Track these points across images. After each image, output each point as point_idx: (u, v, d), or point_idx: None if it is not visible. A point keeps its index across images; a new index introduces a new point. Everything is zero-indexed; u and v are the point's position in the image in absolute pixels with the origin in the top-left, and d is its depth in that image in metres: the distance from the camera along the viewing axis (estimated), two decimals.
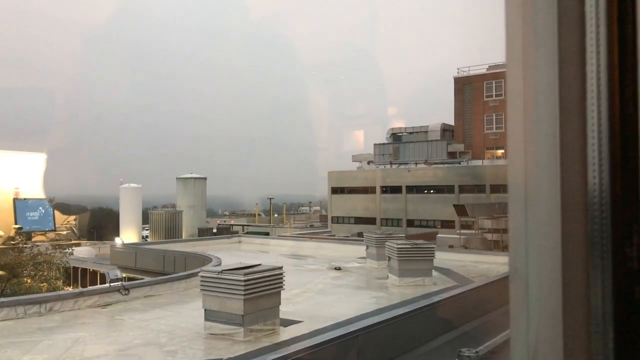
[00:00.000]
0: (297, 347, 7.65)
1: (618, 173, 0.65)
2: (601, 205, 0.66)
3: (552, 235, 0.70)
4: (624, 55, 0.65)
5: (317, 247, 24.61)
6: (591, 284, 0.67)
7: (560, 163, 0.69)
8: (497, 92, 46.00)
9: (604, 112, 0.66)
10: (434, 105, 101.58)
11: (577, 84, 0.68)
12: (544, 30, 0.71)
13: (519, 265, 0.78)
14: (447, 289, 13.43)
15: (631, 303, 0.64)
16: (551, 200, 0.70)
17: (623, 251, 0.64)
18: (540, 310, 0.71)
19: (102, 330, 10.20)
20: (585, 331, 0.67)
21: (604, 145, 0.66)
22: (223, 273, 9.56)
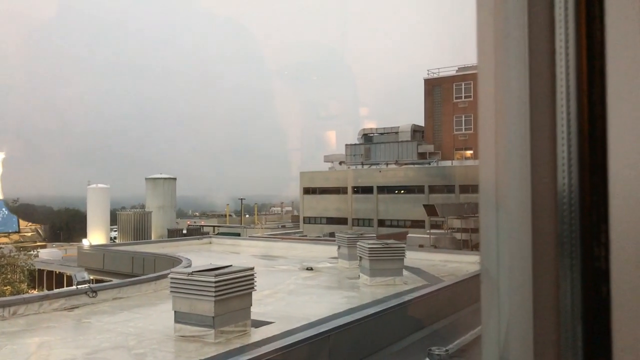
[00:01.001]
0: (268, 348, 7.62)
1: (587, 173, 0.67)
2: (570, 206, 0.67)
3: (522, 235, 0.70)
4: (592, 57, 0.66)
5: (289, 247, 24.56)
6: (561, 283, 0.68)
7: (530, 164, 0.70)
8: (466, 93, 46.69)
9: (573, 113, 0.67)
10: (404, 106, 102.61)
11: (547, 86, 0.69)
12: (514, 33, 0.72)
13: (489, 265, 0.79)
14: (417, 288, 13.56)
15: (599, 301, 0.65)
16: (521, 200, 0.70)
17: (591, 251, 0.65)
18: (511, 309, 0.72)
19: (69, 334, 9.97)
20: (554, 329, 0.68)
21: (573, 146, 0.67)
22: (193, 274, 9.46)
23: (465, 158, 45.54)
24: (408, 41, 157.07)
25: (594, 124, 0.66)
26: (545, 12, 0.70)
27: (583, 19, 0.66)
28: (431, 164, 43.97)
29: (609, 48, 0.66)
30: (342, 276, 16.80)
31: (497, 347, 0.80)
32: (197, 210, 78.40)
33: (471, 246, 27.83)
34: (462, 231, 29.22)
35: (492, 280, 0.79)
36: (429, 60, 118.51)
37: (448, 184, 40.12)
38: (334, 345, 8.61)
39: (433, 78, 48.81)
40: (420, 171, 42.45)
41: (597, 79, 0.66)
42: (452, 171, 40.90)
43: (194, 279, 9.32)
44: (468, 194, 37.88)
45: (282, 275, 16.92)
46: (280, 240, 28.03)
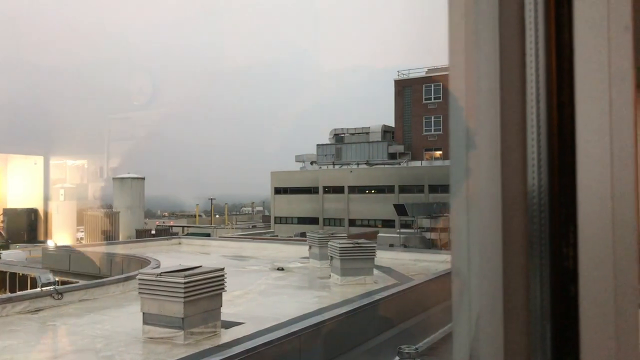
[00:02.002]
0: (238, 349, 7.57)
1: (556, 174, 0.67)
2: (540, 206, 0.68)
3: (493, 234, 0.71)
4: (561, 58, 0.67)
5: (260, 247, 24.45)
6: (530, 283, 0.68)
7: (501, 165, 0.70)
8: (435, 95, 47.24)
9: (543, 115, 0.68)
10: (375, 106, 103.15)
11: (518, 87, 0.70)
12: (485, 34, 0.72)
13: (460, 264, 0.79)
14: (387, 287, 13.66)
15: (567, 301, 0.66)
16: (492, 201, 0.71)
17: (560, 250, 0.66)
18: (482, 309, 0.72)
19: (33, 337, 9.72)
20: (524, 328, 0.68)
21: (542, 147, 0.68)
22: (162, 275, 9.33)
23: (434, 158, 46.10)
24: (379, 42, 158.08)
25: (563, 126, 0.67)
26: (515, 14, 0.70)
27: (552, 21, 0.67)
28: (401, 164, 44.39)
29: (577, 50, 0.67)
30: (313, 276, 16.81)
31: (468, 346, 0.81)
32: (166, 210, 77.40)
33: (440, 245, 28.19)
34: (431, 230, 29.57)
35: (463, 280, 0.80)
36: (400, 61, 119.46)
37: (418, 184, 40.55)
38: (305, 345, 8.60)
39: (403, 79, 49.26)
40: (390, 171, 42.81)
41: (566, 80, 0.67)
42: (422, 171, 41.37)
43: (163, 280, 9.20)
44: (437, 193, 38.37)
45: (252, 276, 16.83)
46: (251, 241, 27.88)
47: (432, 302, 12.38)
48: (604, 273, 0.65)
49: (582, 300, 0.65)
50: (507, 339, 0.70)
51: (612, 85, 0.65)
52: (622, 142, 0.65)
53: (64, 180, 40.30)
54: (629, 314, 0.64)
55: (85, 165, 43.70)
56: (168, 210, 77.29)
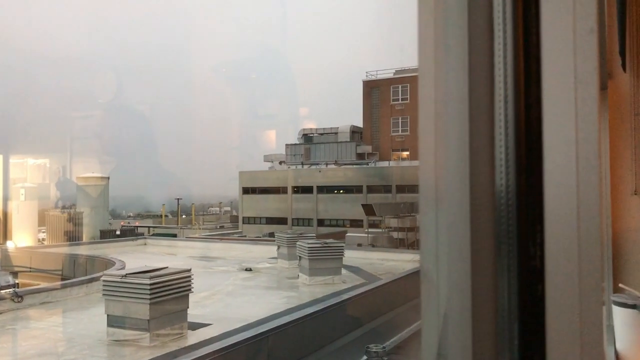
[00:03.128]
0: (205, 351, 7.49)
1: (523, 174, 0.68)
2: (508, 206, 0.68)
3: (461, 235, 0.71)
4: (528, 60, 0.67)
5: (227, 248, 24.26)
6: (498, 283, 0.69)
7: (469, 165, 0.70)
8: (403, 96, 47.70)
9: (511, 115, 0.69)
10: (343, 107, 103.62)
11: (486, 88, 0.70)
12: (454, 35, 0.72)
13: (429, 264, 0.79)
14: (355, 286, 13.73)
15: (534, 300, 0.66)
16: (461, 201, 0.71)
17: (527, 250, 0.67)
18: (450, 309, 0.73)
19: None
20: (492, 328, 0.69)
21: (510, 148, 0.68)
22: (127, 277, 9.17)
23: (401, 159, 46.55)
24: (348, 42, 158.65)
25: (530, 127, 0.68)
26: (484, 15, 0.71)
27: (520, 23, 0.68)
28: (369, 165, 44.69)
29: (544, 52, 0.67)
30: (282, 276, 16.77)
31: (436, 346, 0.81)
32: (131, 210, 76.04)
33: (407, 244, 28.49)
34: (398, 230, 29.85)
35: (431, 280, 0.80)
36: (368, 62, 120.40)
37: (385, 184, 40.90)
38: (273, 346, 8.57)
39: (371, 80, 49.60)
40: (358, 171, 43.06)
41: (534, 82, 0.67)
42: (389, 172, 41.74)
43: (128, 281, 9.05)
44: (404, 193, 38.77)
45: (220, 277, 16.68)
46: (219, 241, 27.64)
47: (400, 301, 12.50)
48: (569, 272, 0.66)
49: (548, 299, 0.66)
50: (475, 339, 0.70)
51: (578, 86, 0.66)
52: (588, 143, 0.66)
53: (25, 180, 39.16)
54: (593, 312, 0.66)
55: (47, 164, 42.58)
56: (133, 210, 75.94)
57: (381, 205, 33.93)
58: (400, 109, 47.37)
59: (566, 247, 0.67)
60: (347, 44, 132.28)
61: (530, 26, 0.67)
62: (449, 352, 0.75)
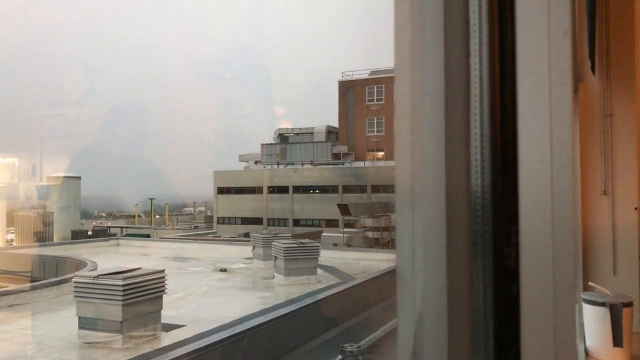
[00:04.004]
0: (179, 352, 7.40)
1: (499, 174, 0.68)
2: (483, 207, 0.69)
3: (437, 235, 0.71)
4: (504, 61, 0.68)
5: (202, 248, 24.04)
6: (474, 282, 0.69)
7: (445, 165, 0.70)
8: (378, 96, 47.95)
9: (486, 116, 0.69)
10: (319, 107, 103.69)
11: (462, 89, 0.70)
12: (430, 36, 0.72)
13: (405, 264, 0.79)
14: (331, 286, 13.74)
15: (509, 299, 0.67)
16: (437, 201, 0.71)
17: (502, 250, 0.67)
18: (426, 308, 0.73)
19: None
20: (468, 328, 0.69)
21: (485, 149, 0.68)
22: (99, 278, 9.03)
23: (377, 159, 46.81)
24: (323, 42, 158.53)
25: (505, 127, 0.68)
26: (460, 16, 0.71)
27: (496, 24, 0.68)
28: (345, 165, 44.82)
29: (519, 53, 0.68)
30: (257, 276, 16.69)
31: (412, 346, 0.81)
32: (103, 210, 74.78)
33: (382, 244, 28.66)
34: (373, 230, 30.00)
35: (407, 280, 0.80)
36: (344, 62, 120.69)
37: (361, 184, 41.08)
38: (248, 347, 8.52)
39: (347, 80, 49.75)
40: (334, 171, 43.16)
41: (509, 82, 0.68)
42: (365, 172, 41.93)
43: (100, 282, 8.91)
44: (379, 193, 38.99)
45: (194, 277, 16.53)
46: (193, 242, 27.38)
47: (375, 300, 12.56)
48: (543, 272, 0.67)
49: (523, 298, 0.67)
50: (451, 338, 0.70)
51: (552, 87, 0.67)
52: (561, 143, 0.66)
53: None
54: (567, 310, 0.66)
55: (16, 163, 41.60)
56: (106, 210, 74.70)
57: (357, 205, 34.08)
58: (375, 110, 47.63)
59: (540, 247, 0.67)
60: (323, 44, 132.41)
61: (506, 27, 0.68)
62: (425, 351, 0.75)
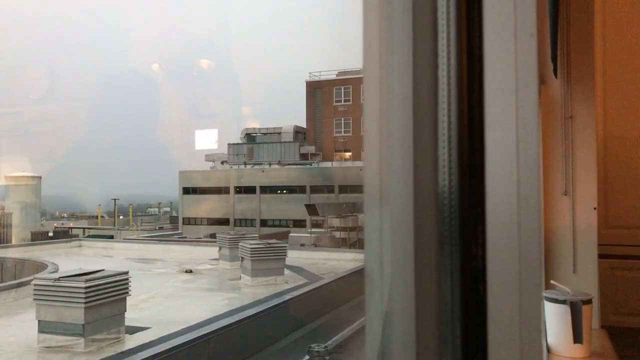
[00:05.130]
0: (143, 355, 7.29)
1: (466, 176, 0.69)
2: (450, 207, 0.69)
3: (405, 235, 0.71)
4: (471, 63, 0.68)
5: (167, 249, 23.70)
6: (442, 283, 0.69)
7: (413, 165, 0.70)
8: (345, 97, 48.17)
9: (454, 117, 0.69)
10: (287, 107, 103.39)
11: (430, 89, 0.70)
12: (399, 36, 0.72)
13: (373, 265, 0.79)
14: (298, 286, 13.73)
15: (477, 300, 0.67)
16: (405, 201, 0.71)
17: (470, 251, 0.68)
18: (394, 309, 0.72)
19: None
20: (436, 328, 0.69)
21: (453, 149, 0.69)
22: (60, 280, 8.80)
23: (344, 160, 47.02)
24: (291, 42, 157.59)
25: (473, 128, 0.69)
26: (428, 16, 0.71)
27: (464, 25, 0.69)
28: (312, 165, 44.87)
29: (487, 55, 0.68)
30: (223, 278, 16.55)
31: (380, 347, 0.81)
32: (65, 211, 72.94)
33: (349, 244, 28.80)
34: (341, 230, 30.12)
35: (375, 280, 0.80)
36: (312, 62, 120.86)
37: (328, 185, 41.18)
38: (214, 348, 8.44)
39: (314, 81, 49.83)
40: (302, 172, 43.15)
41: (476, 84, 0.68)
42: (332, 172, 42.06)
43: (62, 285, 8.69)
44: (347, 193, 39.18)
45: (159, 279, 16.28)
46: (158, 243, 26.98)
47: (342, 300, 12.61)
48: (510, 272, 0.67)
49: (490, 298, 0.67)
50: (419, 339, 0.70)
51: (519, 89, 0.68)
52: (528, 144, 0.67)
53: None
54: (533, 310, 0.67)
55: None
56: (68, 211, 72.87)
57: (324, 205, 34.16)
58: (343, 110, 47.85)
59: (507, 247, 0.68)
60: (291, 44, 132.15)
61: (474, 28, 0.68)
62: (393, 351, 0.75)
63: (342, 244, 28.85)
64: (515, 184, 0.67)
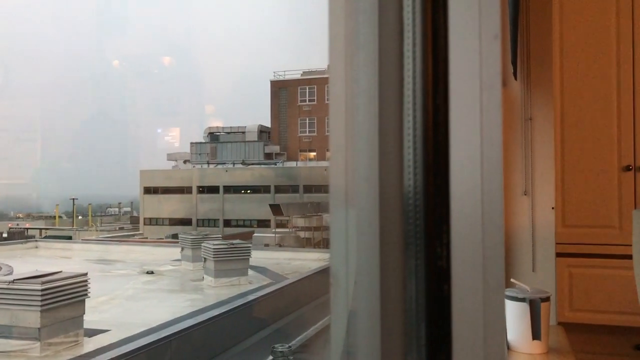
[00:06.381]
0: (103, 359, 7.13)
1: (430, 176, 0.69)
2: (415, 207, 0.69)
3: (371, 235, 0.71)
4: (436, 63, 0.68)
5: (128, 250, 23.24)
6: (407, 283, 0.69)
7: (378, 165, 0.70)
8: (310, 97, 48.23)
9: (419, 117, 0.69)
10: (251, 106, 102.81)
11: (395, 89, 0.70)
12: (365, 34, 0.72)
13: (339, 265, 0.78)
14: (262, 287, 13.67)
15: (441, 300, 0.67)
16: (370, 202, 0.71)
17: (434, 251, 0.68)
18: (359, 309, 0.72)
19: None
20: (401, 329, 0.69)
21: (418, 150, 0.69)
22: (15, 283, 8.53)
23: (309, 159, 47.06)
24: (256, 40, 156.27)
25: (438, 129, 0.69)
26: (394, 15, 0.71)
27: (429, 24, 0.69)
28: (277, 165, 44.74)
29: (452, 55, 0.69)
30: (186, 279, 16.33)
31: (345, 346, 0.80)
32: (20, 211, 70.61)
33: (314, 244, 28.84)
34: (305, 229, 30.13)
35: (340, 280, 0.79)
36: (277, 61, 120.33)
37: (293, 184, 41.14)
38: (176, 350, 8.32)
39: (279, 80, 49.70)
40: (266, 171, 42.97)
41: (441, 84, 0.69)
42: (297, 172, 42.03)
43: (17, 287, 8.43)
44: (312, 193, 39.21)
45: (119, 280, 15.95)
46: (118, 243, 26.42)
47: (306, 299, 12.61)
48: (473, 272, 0.68)
49: (454, 298, 0.68)
50: (384, 340, 0.70)
51: (483, 90, 0.68)
52: (492, 145, 0.68)
53: None
54: (496, 309, 0.68)
55: None
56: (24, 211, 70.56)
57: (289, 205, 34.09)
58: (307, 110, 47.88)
59: (470, 246, 0.68)
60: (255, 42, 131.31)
61: (439, 28, 0.68)
62: (358, 351, 0.74)
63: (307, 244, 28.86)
64: (479, 184, 0.68)
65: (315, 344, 9.80)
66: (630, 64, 3.40)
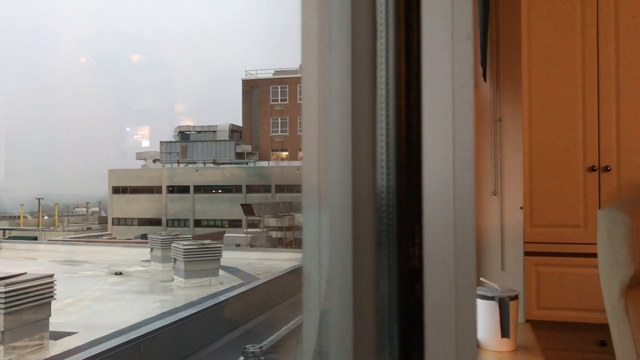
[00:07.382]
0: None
1: (403, 176, 0.69)
2: (388, 207, 0.69)
3: (344, 236, 0.70)
4: (409, 62, 0.68)
5: (95, 251, 22.82)
6: (379, 284, 0.69)
7: (352, 165, 0.70)
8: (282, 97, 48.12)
9: (392, 117, 0.69)
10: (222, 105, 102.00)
11: (368, 89, 0.70)
12: (338, 34, 0.71)
13: (311, 266, 0.78)
14: (233, 287, 13.58)
15: (414, 300, 0.67)
16: (343, 201, 0.70)
17: (407, 251, 0.68)
18: (332, 309, 0.72)
19: None
20: (373, 329, 0.68)
21: (391, 149, 0.69)
22: None
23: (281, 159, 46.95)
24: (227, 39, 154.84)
25: (410, 128, 0.69)
26: (367, 14, 0.70)
27: (402, 24, 0.69)
28: (249, 164, 44.51)
29: (425, 55, 0.69)
30: (155, 280, 16.11)
31: (318, 348, 0.80)
32: None
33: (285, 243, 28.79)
34: (277, 229, 30.06)
35: (313, 280, 0.78)
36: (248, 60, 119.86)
37: (265, 184, 40.98)
38: (145, 352, 8.19)
39: (251, 79, 49.45)
40: (238, 171, 42.69)
41: (414, 84, 0.68)
42: (269, 171, 41.90)
43: None
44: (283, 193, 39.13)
45: (87, 282, 15.64)
46: (85, 244, 25.91)
47: (277, 300, 12.58)
48: (446, 272, 0.68)
49: (426, 299, 0.68)
50: (357, 340, 0.69)
51: (455, 90, 0.68)
52: (464, 145, 0.68)
53: None
54: (468, 309, 0.68)
55: None
56: None
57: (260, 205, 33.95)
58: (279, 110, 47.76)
59: (443, 247, 0.68)
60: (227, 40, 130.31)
61: (412, 28, 0.68)
62: (330, 351, 0.74)
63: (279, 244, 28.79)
64: (452, 185, 0.68)
65: (287, 344, 9.78)
66: (595, 67, 3.48)
